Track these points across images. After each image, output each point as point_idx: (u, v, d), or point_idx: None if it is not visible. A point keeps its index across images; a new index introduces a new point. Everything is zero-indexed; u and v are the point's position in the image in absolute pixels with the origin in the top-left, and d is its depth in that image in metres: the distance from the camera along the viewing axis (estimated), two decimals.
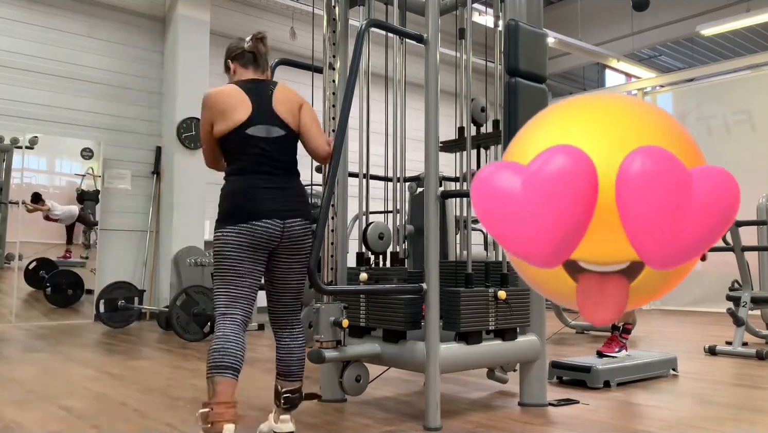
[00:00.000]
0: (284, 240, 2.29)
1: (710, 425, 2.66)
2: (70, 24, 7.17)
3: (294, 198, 2.35)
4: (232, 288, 2.24)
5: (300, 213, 2.34)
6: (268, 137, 2.31)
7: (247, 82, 2.38)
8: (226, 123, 2.28)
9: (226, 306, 2.23)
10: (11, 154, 6.88)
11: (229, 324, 2.20)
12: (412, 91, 3.57)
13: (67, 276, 7.10)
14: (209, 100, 2.31)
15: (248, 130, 2.29)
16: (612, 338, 3.97)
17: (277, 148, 2.33)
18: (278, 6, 8.35)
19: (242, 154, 2.29)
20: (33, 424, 2.65)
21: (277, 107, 2.35)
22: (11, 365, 4.08)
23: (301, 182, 2.44)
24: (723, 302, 5.31)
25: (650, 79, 10.41)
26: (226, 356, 2.11)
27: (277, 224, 2.27)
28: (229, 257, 2.23)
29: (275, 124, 2.33)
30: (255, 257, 2.27)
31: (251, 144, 2.29)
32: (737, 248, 5.04)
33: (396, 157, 3.05)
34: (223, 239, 2.25)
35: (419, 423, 2.64)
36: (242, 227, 2.22)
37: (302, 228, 2.34)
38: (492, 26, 3.34)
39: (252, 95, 2.33)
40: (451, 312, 2.72)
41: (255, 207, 2.24)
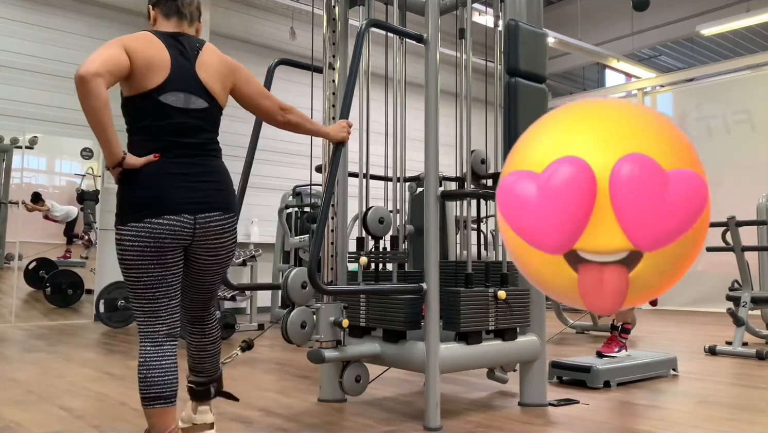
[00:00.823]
0: (198, 238, 1.92)
1: (710, 425, 2.66)
2: (70, 24, 7.17)
3: (211, 187, 1.93)
4: (145, 302, 1.89)
5: (218, 205, 1.94)
6: (186, 108, 1.90)
7: (168, 35, 1.94)
8: (138, 83, 1.83)
9: (145, 324, 1.91)
10: (11, 154, 6.88)
11: (150, 346, 1.90)
12: (412, 91, 3.57)
13: (67, 276, 7.09)
14: (129, 43, 1.82)
15: (162, 97, 1.85)
16: (611, 338, 3.97)
17: (195, 123, 1.91)
18: (278, 6, 8.35)
19: (150, 126, 1.87)
20: (33, 424, 2.65)
21: (201, 73, 1.94)
22: (11, 365, 4.07)
23: (224, 165, 2.02)
24: (723, 302, 5.31)
25: (650, 79, 10.41)
26: (152, 386, 1.86)
27: (186, 221, 1.87)
28: (132, 266, 1.85)
29: (196, 92, 1.92)
30: (164, 261, 1.87)
31: (163, 114, 1.86)
32: (737, 248, 5.04)
33: (396, 157, 3.05)
34: (122, 244, 1.85)
35: (419, 423, 2.64)
36: (139, 227, 1.82)
37: (220, 224, 1.95)
38: (492, 26, 3.34)
39: (172, 52, 1.90)
40: (451, 312, 2.72)
41: (157, 199, 1.83)
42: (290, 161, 8.29)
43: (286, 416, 2.79)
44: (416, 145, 3.37)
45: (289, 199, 6.90)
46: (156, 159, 1.86)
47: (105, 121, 1.71)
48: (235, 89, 2.06)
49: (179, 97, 1.89)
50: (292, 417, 2.76)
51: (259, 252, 6.71)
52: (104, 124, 1.72)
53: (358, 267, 3.15)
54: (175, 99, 1.88)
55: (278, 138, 3.01)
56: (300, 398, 3.16)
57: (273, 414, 2.81)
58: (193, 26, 2.05)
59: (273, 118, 2.14)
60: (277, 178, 8.23)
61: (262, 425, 2.62)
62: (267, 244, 7.75)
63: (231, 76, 2.02)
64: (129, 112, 1.89)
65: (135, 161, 1.84)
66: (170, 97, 1.87)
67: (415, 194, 4.26)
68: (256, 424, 2.65)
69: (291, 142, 7.37)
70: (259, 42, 8.55)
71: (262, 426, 2.61)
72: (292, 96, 6.21)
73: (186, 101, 1.90)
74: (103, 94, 1.69)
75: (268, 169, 8.13)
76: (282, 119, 2.14)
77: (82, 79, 1.67)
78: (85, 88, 1.67)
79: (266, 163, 7.99)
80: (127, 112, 1.90)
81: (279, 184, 8.11)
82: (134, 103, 1.87)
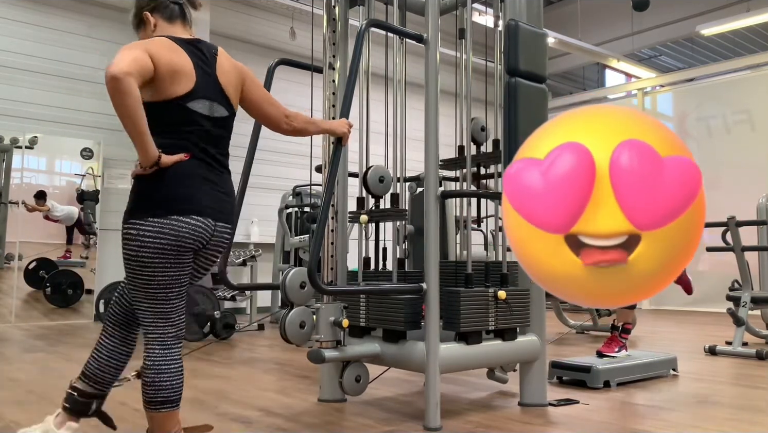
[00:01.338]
0: (209, 245, 1.90)
1: (710, 425, 2.66)
2: (70, 24, 7.17)
3: (227, 199, 1.95)
4: (157, 303, 1.84)
5: (229, 218, 1.96)
6: (211, 116, 1.88)
7: (186, 41, 1.90)
8: (163, 89, 1.80)
9: (154, 325, 1.86)
10: (11, 154, 6.88)
11: (159, 349, 1.86)
12: (412, 91, 3.57)
13: (67, 276, 7.10)
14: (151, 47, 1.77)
15: (190, 104, 1.83)
16: (612, 337, 3.97)
17: (218, 132, 1.91)
18: (278, 6, 8.35)
19: (178, 130, 1.84)
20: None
21: (221, 79, 1.92)
22: (11, 365, 4.07)
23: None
24: (723, 302, 5.31)
25: (650, 79, 10.41)
26: (161, 390, 1.84)
27: (209, 225, 1.86)
28: (148, 264, 1.79)
29: (218, 100, 1.91)
30: (180, 260, 1.83)
31: (191, 121, 1.84)
32: (737, 248, 5.03)
33: (396, 157, 3.05)
34: (139, 240, 1.78)
35: (419, 423, 2.64)
36: (164, 224, 1.77)
37: (227, 237, 1.97)
38: (492, 26, 3.34)
39: (194, 59, 1.86)
40: (451, 312, 2.72)
41: (188, 198, 1.80)
42: (290, 161, 8.29)
43: (286, 416, 2.79)
44: (416, 145, 3.37)
45: (289, 199, 6.91)
46: (187, 158, 1.83)
47: (140, 119, 1.67)
48: (244, 95, 2.03)
49: (205, 105, 1.87)
50: (292, 417, 2.76)
51: (259, 252, 6.72)
52: (140, 123, 1.68)
53: (358, 268, 3.15)
54: (201, 106, 1.86)
55: (278, 138, 3.00)
56: (300, 398, 3.16)
57: (273, 414, 2.81)
58: (192, 28, 2.04)
59: (277, 126, 2.12)
60: (277, 178, 8.23)
61: (262, 425, 2.62)
62: (267, 244, 7.75)
63: (242, 82, 2.01)
64: (153, 117, 1.79)
65: (169, 160, 1.79)
66: (198, 104, 1.85)
67: (415, 194, 4.27)
68: (256, 424, 2.65)
69: (291, 143, 7.37)
70: (259, 42, 8.55)
71: (262, 426, 2.61)
72: (292, 96, 6.22)
73: (211, 109, 1.88)
74: (136, 92, 1.65)
75: (268, 169, 8.14)
76: (287, 127, 2.13)
77: (114, 78, 1.61)
78: (118, 86, 1.62)
79: (266, 163, 8.00)
80: (151, 117, 1.78)
81: (279, 184, 8.12)
82: (159, 108, 1.81)
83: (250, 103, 2.05)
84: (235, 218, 2.05)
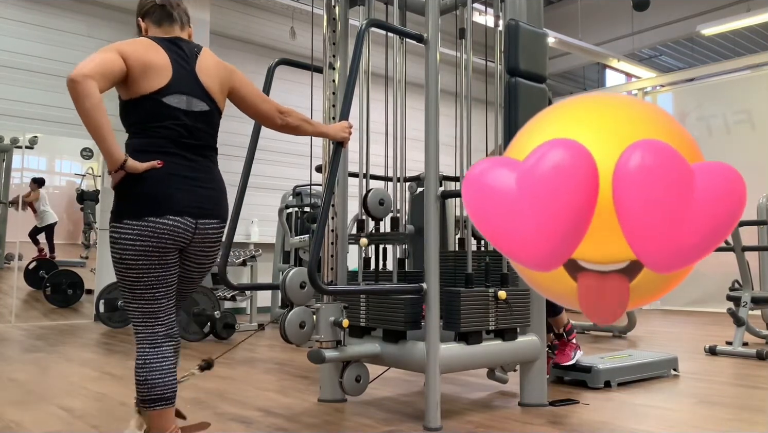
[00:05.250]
0: (194, 243, 1.92)
1: (710, 425, 2.66)
2: (70, 24, 7.17)
3: (212, 194, 1.94)
4: (144, 303, 1.87)
5: (216, 213, 1.95)
6: (189, 110, 1.89)
7: (166, 39, 1.95)
8: (137, 86, 1.82)
9: (143, 325, 1.88)
10: (11, 154, 6.89)
11: (149, 348, 1.88)
12: (412, 91, 3.57)
13: (67, 276, 7.10)
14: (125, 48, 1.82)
15: (165, 99, 1.85)
16: (561, 345, 3.56)
17: (197, 126, 1.91)
18: (278, 6, 8.35)
19: (153, 127, 1.85)
20: (33, 424, 2.65)
21: (201, 76, 1.94)
22: (11, 365, 4.07)
23: (220, 172, 2.02)
24: (723, 302, 5.31)
25: (650, 79, 10.40)
26: (154, 388, 1.85)
27: (188, 223, 1.87)
28: (133, 266, 1.82)
29: (198, 95, 1.92)
30: (165, 261, 1.86)
31: (166, 116, 1.85)
32: (737, 248, 5.03)
33: (396, 157, 3.05)
34: (121, 243, 1.81)
35: (419, 423, 2.64)
36: (142, 226, 1.79)
37: (217, 233, 1.97)
38: (492, 26, 3.34)
39: (172, 55, 1.90)
40: (451, 312, 2.71)
41: (161, 199, 1.82)
42: (290, 161, 8.29)
43: (286, 416, 2.78)
44: (416, 145, 3.37)
45: (289, 199, 6.90)
46: (160, 165, 1.84)
47: (101, 121, 1.69)
48: (234, 92, 2.05)
49: (182, 100, 1.88)
50: (292, 417, 2.76)
51: (259, 252, 6.71)
52: (100, 126, 1.69)
53: (358, 268, 3.15)
54: (177, 101, 1.87)
55: (278, 138, 2.99)
56: (300, 398, 3.15)
57: (273, 414, 2.81)
58: (184, 31, 2.04)
59: (272, 122, 2.13)
60: (277, 178, 8.23)
61: (262, 425, 2.62)
62: (267, 244, 7.75)
63: (229, 80, 2.03)
64: (129, 115, 1.87)
65: (137, 165, 1.80)
66: (173, 99, 1.87)
67: (415, 194, 4.26)
68: (256, 424, 2.65)
69: (291, 142, 7.37)
70: (259, 42, 8.55)
71: (262, 426, 2.61)
72: (292, 96, 6.22)
73: (188, 104, 1.90)
74: (94, 95, 1.67)
75: (268, 169, 8.13)
76: (281, 122, 2.14)
77: (72, 82, 1.66)
78: (75, 89, 1.66)
79: (266, 163, 7.99)
80: (126, 116, 1.88)
81: (279, 184, 8.11)
82: (135, 105, 1.85)
83: (242, 100, 2.07)
84: (234, 213, 2.05)
